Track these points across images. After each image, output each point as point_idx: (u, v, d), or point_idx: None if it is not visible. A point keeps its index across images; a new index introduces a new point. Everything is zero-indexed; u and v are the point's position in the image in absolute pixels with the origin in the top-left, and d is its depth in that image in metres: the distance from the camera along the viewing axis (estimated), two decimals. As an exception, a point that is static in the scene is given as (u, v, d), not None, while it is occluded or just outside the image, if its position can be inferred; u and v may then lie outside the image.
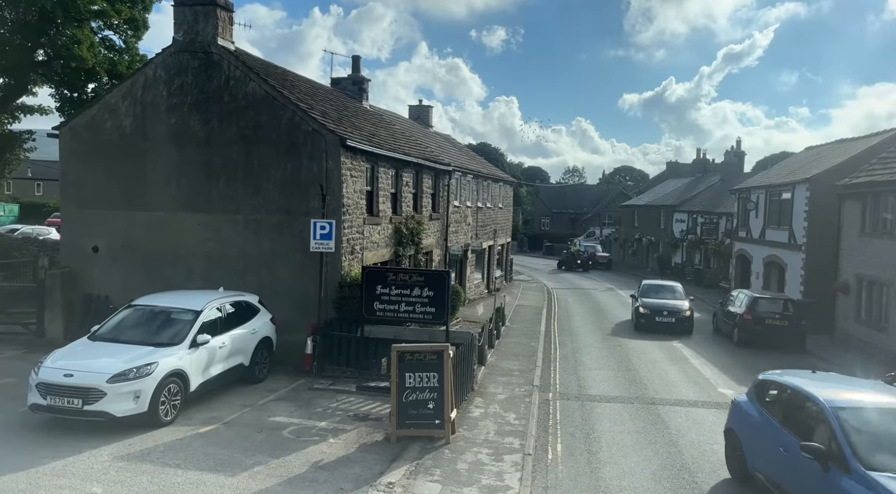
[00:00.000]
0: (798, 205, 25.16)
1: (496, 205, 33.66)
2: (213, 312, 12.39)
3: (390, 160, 18.36)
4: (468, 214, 27.79)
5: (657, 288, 24.67)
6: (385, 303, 14.02)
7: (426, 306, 13.86)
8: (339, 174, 15.12)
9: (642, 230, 53.43)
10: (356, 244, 16.18)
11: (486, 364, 16.36)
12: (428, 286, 13.85)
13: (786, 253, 26.20)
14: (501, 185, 35.03)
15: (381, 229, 17.88)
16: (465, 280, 27.59)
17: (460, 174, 26.32)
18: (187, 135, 15.74)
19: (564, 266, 50.00)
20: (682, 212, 46.38)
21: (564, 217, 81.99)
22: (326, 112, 16.97)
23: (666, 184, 57.75)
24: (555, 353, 18.62)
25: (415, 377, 10.81)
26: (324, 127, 15.11)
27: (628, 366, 17.17)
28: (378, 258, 17.59)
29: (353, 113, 20.31)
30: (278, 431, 10.89)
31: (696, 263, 43.34)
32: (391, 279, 14.00)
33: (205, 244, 15.77)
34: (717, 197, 44.24)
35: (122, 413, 10.16)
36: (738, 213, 32.37)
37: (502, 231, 35.38)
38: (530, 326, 22.95)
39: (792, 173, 27.44)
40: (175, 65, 15.71)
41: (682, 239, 45.66)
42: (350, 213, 15.76)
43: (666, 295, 24.00)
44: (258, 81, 15.35)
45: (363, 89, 23.94)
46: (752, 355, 19.16)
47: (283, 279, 15.33)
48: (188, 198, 15.83)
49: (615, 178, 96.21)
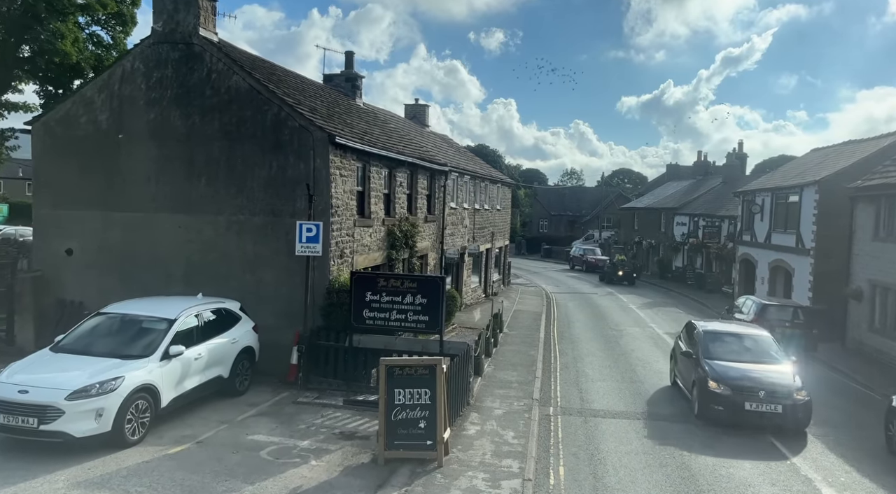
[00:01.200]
0: (806, 208, 24.34)
1: (494, 206, 32.81)
2: (189, 321, 11.50)
3: (383, 159, 17.50)
4: (465, 216, 26.93)
5: (731, 340, 14.00)
6: (375, 311, 13.14)
7: (419, 314, 12.98)
8: (328, 173, 14.24)
9: (642, 233, 52.62)
10: (346, 247, 15.30)
11: (484, 375, 15.48)
12: (421, 293, 12.97)
13: (793, 258, 25.37)
14: (499, 187, 34.19)
15: (373, 231, 17.00)
16: (461, 284, 26.72)
17: (457, 175, 25.46)
18: (167, 131, 14.85)
19: (606, 280, 41.98)
20: (683, 215, 45.57)
21: (563, 219, 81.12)
22: (315, 108, 16.09)
23: (666, 187, 56.96)
24: (555, 363, 17.74)
25: (405, 393, 9.93)
26: (311, 123, 14.23)
27: (632, 377, 16.29)
28: (370, 262, 16.71)
29: (345, 110, 19.44)
30: (256, 451, 10.00)
31: (698, 267, 42.50)
32: (382, 285, 13.12)
33: (185, 247, 14.86)
34: (718, 199, 43.43)
35: (82, 434, 9.26)
36: (743, 216, 31.56)
37: (500, 233, 34.53)
38: (529, 333, 22.07)
39: (799, 175, 26.63)
40: (154, 57, 14.82)
41: (683, 242, 44.84)
42: (339, 215, 14.88)
43: (751, 353, 13.55)
44: (242, 75, 14.47)
45: (357, 86, 23.07)
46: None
47: (268, 284, 14.44)
48: (168, 197, 14.94)
49: (613, 181, 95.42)
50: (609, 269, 42.68)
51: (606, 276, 42.22)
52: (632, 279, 41.26)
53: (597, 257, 52.87)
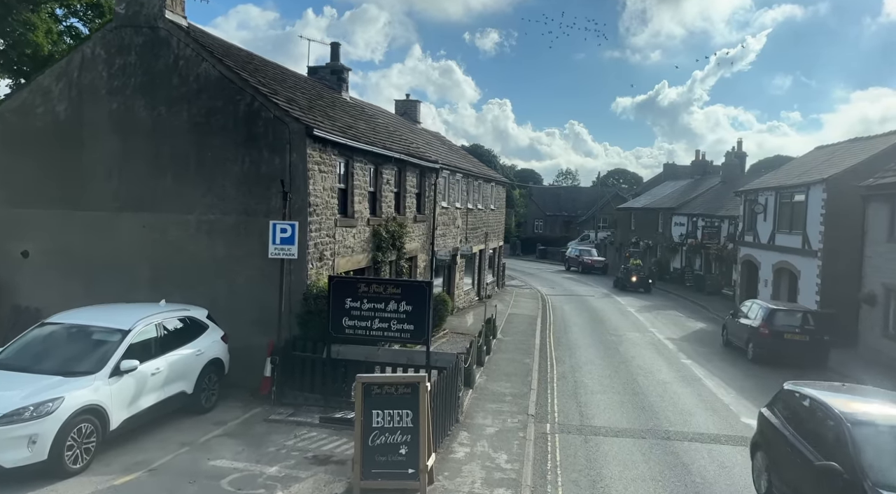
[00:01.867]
0: (813, 208, 23.31)
1: (488, 206, 31.70)
2: (146, 331, 10.34)
3: (368, 155, 16.36)
4: (457, 216, 25.81)
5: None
6: (356, 319, 11.98)
7: (403, 323, 11.83)
8: (305, 168, 13.10)
9: (639, 233, 51.59)
10: (326, 249, 14.15)
11: (475, 386, 14.36)
12: (405, 299, 11.83)
13: (798, 260, 24.35)
14: (493, 186, 33.09)
15: (357, 232, 15.86)
16: (453, 287, 25.60)
17: (448, 172, 24.34)
18: (131, 123, 13.67)
19: (619, 286, 38.91)
20: (681, 215, 44.56)
21: (558, 220, 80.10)
22: (294, 99, 14.94)
23: (664, 186, 55.98)
24: (551, 372, 16.63)
25: (384, 415, 8.80)
26: (287, 114, 13.08)
27: (635, 389, 15.19)
28: (353, 265, 15.57)
29: (328, 103, 18.29)
30: (216, 480, 8.85)
31: (697, 268, 41.48)
32: (363, 291, 11.97)
33: (151, 248, 13.69)
34: (717, 199, 42.43)
35: (12, 464, 8.09)
36: (745, 216, 30.53)
37: (494, 234, 33.43)
38: (524, 339, 20.95)
39: (804, 174, 25.61)
40: (116, 42, 13.64)
41: (681, 243, 43.83)
42: (319, 214, 13.73)
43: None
44: (212, 61, 13.30)
45: (343, 79, 21.91)
46: (771, 374, 17.23)
47: (240, 289, 13.27)
48: (132, 195, 13.76)
49: (609, 181, 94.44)
50: (622, 275, 39.19)
51: (619, 282, 38.92)
52: (647, 286, 37.72)
53: (593, 258, 51.90)
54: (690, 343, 21.88)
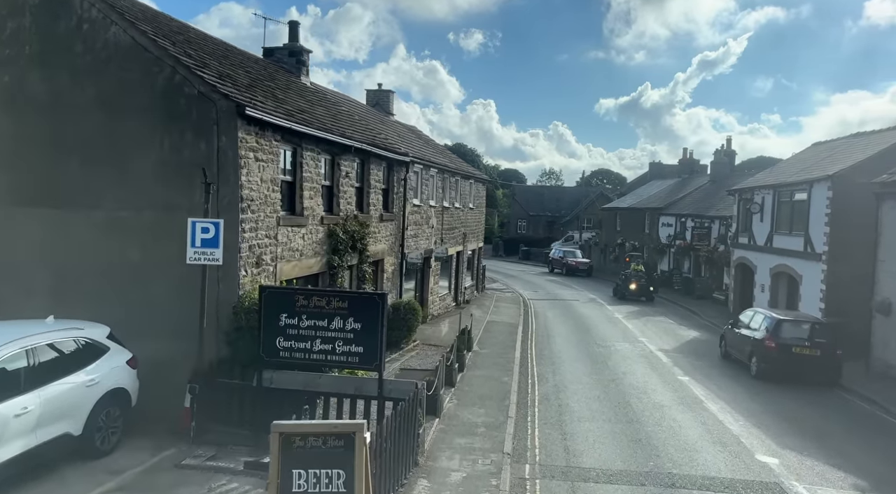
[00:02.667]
0: (817, 207, 21.48)
1: (466, 205, 29.57)
2: (10, 359, 8.05)
3: (323, 143, 14.15)
4: (431, 215, 23.65)
5: None
6: (293, 339, 9.79)
7: (351, 344, 9.66)
8: (237, 155, 10.86)
9: (625, 234, 49.77)
10: (265, 253, 11.91)
11: (443, 414, 12.21)
12: (354, 315, 9.65)
13: (800, 264, 22.51)
14: (473, 183, 30.97)
15: (308, 232, 13.64)
16: (427, 293, 23.44)
17: (421, 167, 22.17)
18: (25, 99, 11.34)
19: (618, 295, 34.36)
20: (669, 216, 42.78)
21: (542, 220, 78.23)
22: (230, 75, 12.67)
23: (650, 186, 54.26)
24: (532, 393, 14.52)
25: (308, 477, 6.60)
26: (214, 89, 10.83)
27: (628, 415, 13.12)
28: (301, 271, 13.34)
29: (281, 85, 16.04)
30: (84, 564, 6.60)
31: (686, 271, 39.72)
32: (301, 305, 9.77)
33: (51, 251, 11.36)
34: (707, 199, 40.72)
35: None
36: (739, 217, 28.71)
37: (473, 235, 31.32)
38: (503, 352, 18.83)
39: (805, 171, 23.79)
40: (8, 1, 11.29)
41: (669, 244, 42.05)
42: (255, 210, 11.49)
43: None
44: (123, 25, 11.01)
45: (302, 62, 19.65)
46: (780, 393, 15.30)
47: (158, 301, 10.99)
48: (28, 187, 11.43)
49: (593, 181, 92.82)
50: (620, 282, 34.73)
51: (618, 291, 34.47)
52: (649, 294, 33.32)
53: (577, 260, 49.98)
54: (685, 355, 19.91)
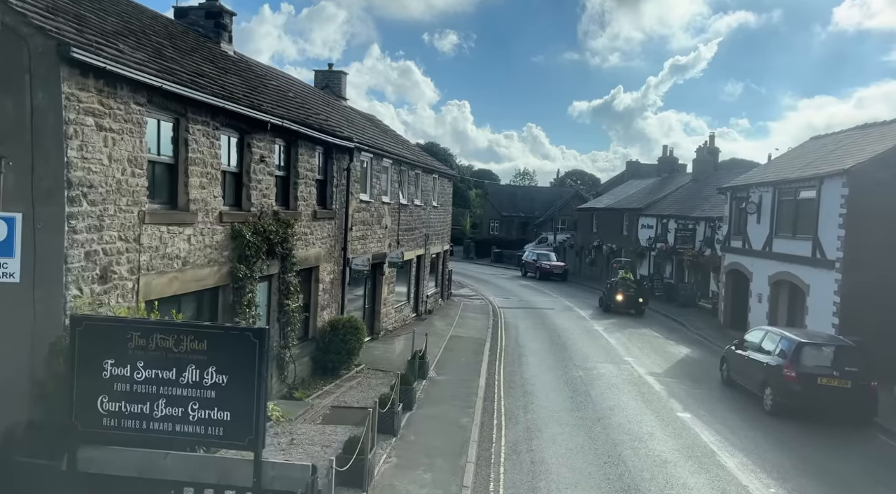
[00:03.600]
0: (828, 207, 18.63)
1: (429, 202, 26.24)
2: None
3: (225, 116, 10.69)
4: (385, 213, 20.27)
5: None
6: (123, 399, 6.36)
7: (213, 407, 6.26)
8: (60, 119, 7.36)
9: (602, 236, 46.92)
10: (118, 261, 8.40)
11: (373, 484, 8.86)
12: (217, 362, 6.26)
13: (806, 272, 19.66)
14: (437, 179, 27.65)
15: (197, 233, 10.16)
16: (378, 304, 20.06)
17: (372, 156, 18.76)
18: None
19: (603, 307, 29.90)
20: (649, 216, 40.00)
21: (515, 221, 75.30)
22: (86, 18, 9.10)
23: (628, 185, 51.55)
24: (499, 442, 11.25)
25: None
26: (25, 20, 7.31)
27: (622, 477, 9.90)
28: (184, 286, 9.84)
29: (184, 48, 12.48)
30: None
31: (667, 276, 36.94)
32: (137, 345, 6.34)
33: None
34: (690, 198, 38.03)
35: None
36: (731, 217, 25.88)
37: (438, 236, 28.02)
38: (465, 379, 15.55)
39: (811, 165, 20.97)
40: None
41: (649, 247, 39.26)
42: (98, 202, 7.99)
43: None
44: None
45: (222, 25, 16.03)
46: (807, 437, 12.31)
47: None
48: None
49: (566, 182, 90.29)
50: (606, 292, 29.97)
51: (603, 303, 30.00)
52: (639, 307, 28.64)
53: (551, 263, 46.97)
54: (680, 380, 16.87)
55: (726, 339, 23.25)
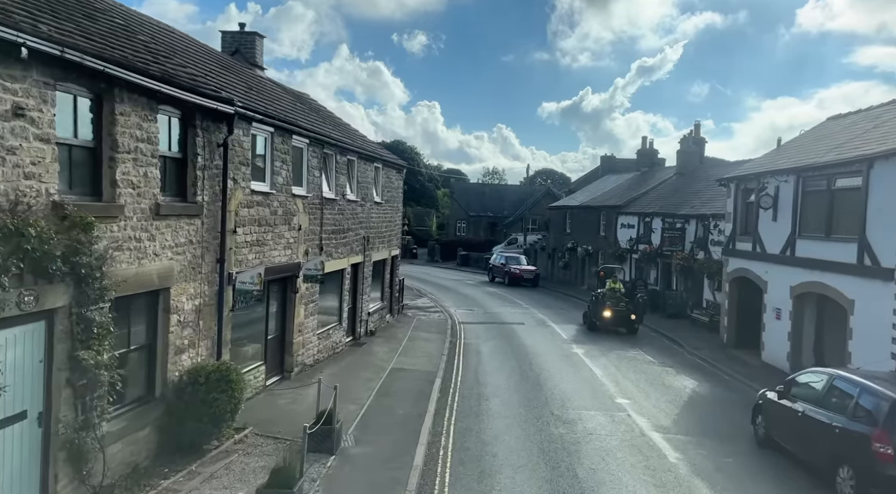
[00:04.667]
0: (881, 198, 14.17)
1: (369, 197, 21.23)
2: None
3: None
4: (298, 210, 15.21)
5: None
6: None
7: None
8: None
9: (576, 237, 42.39)
10: None
11: None
12: None
13: (850, 283, 15.18)
14: (381, 169, 22.66)
15: None
16: (290, 332, 15.00)
17: (273, 131, 13.67)
18: None
19: (588, 323, 24.89)
20: (629, 215, 35.58)
21: (482, 221, 70.66)
22: None
23: (604, 181, 47.17)
24: None
25: None
26: None
27: None
28: None
29: None
30: None
31: (652, 282, 32.46)
32: None
33: None
34: (676, 194, 33.73)
35: None
36: (737, 214, 21.43)
37: (383, 239, 23.04)
38: (395, 451, 10.58)
39: (846, 146, 16.53)
40: None
41: (630, 249, 34.84)
42: None
43: None
44: None
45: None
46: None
47: None
48: None
49: (536, 181, 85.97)
50: (591, 307, 24.69)
51: (587, 319, 24.82)
52: (631, 326, 23.35)
53: (522, 267, 42.33)
54: (698, 439, 12.17)
55: (734, 363, 18.84)
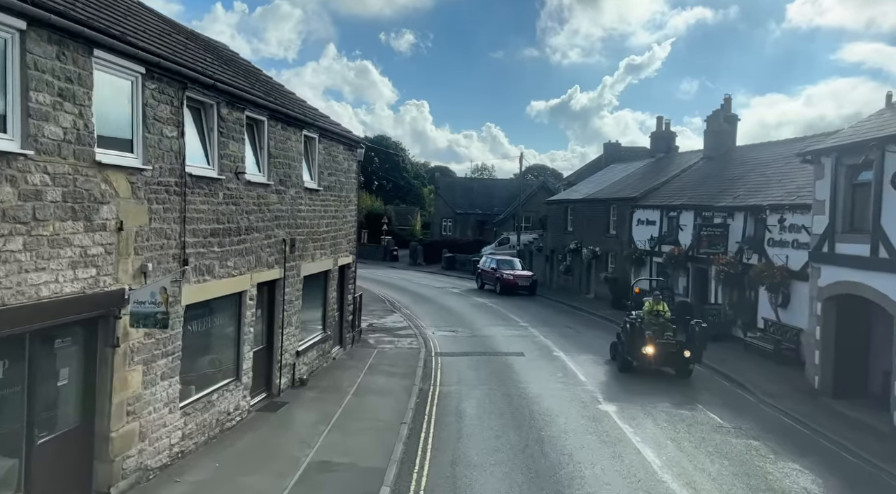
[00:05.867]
0: None
1: (294, 181, 14.40)
2: None
3: None
4: (116, 192, 8.40)
5: None
6: None
7: None
8: None
9: (580, 236, 35.63)
10: None
11: None
12: None
13: None
14: (318, 142, 15.88)
15: None
16: (105, 417, 8.17)
17: (137, 77, 6.85)
18: None
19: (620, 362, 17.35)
20: (648, 209, 28.97)
21: (470, 219, 64.00)
22: None
23: (610, 171, 40.54)
24: None
25: None
26: None
27: None
28: None
29: None
30: None
31: (679, 292, 25.85)
32: None
33: None
34: (709, 181, 27.23)
35: None
36: (835, 203, 14.82)
37: (322, 244, 16.24)
38: None
39: None
40: None
41: (650, 250, 28.25)
42: None
43: None
44: None
45: None
46: None
47: None
48: None
49: (526, 177, 79.48)
50: (625, 338, 17.05)
51: (620, 356, 17.34)
52: (684, 366, 16.20)
53: (515, 272, 35.49)
54: None
55: (849, 429, 11.70)
